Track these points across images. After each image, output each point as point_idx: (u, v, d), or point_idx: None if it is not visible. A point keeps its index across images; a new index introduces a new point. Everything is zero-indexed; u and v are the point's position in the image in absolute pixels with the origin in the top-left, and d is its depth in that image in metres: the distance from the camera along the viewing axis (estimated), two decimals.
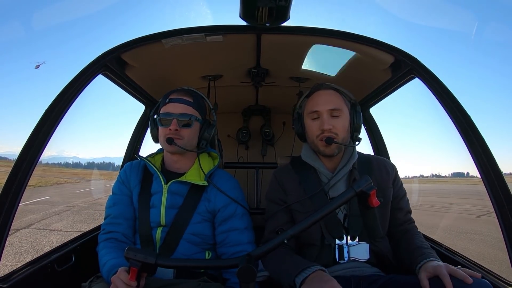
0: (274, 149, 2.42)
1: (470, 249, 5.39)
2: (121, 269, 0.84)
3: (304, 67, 1.60)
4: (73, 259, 1.27)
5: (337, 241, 1.05)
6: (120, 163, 1.91)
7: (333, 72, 1.64)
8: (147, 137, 1.98)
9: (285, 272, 0.90)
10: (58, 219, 7.62)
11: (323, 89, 1.12)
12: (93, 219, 7.52)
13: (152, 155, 1.26)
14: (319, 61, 1.55)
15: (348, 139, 1.12)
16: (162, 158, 1.24)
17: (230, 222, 1.14)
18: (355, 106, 1.13)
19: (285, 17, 1.07)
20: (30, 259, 1.13)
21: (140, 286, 0.82)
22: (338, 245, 1.05)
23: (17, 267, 1.05)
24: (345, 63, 1.50)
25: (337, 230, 1.05)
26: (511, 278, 1.02)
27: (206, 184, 1.14)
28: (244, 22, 1.12)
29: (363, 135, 1.17)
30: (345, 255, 1.04)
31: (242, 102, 2.30)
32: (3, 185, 0.95)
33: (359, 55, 1.37)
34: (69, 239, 1.36)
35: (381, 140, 1.90)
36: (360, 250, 1.04)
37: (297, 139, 1.49)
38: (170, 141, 1.10)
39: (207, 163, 1.22)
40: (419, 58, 1.19)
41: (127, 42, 1.23)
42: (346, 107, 1.11)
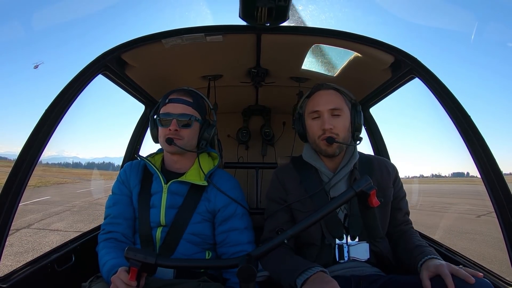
0: (274, 149, 2.42)
1: (470, 249, 5.39)
2: (121, 269, 0.84)
3: (304, 67, 1.60)
4: (73, 259, 1.27)
5: (337, 241, 1.05)
6: (120, 163, 1.91)
7: (333, 72, 1.64)
8: (147, 137, 1.98)
9: (286, 273, 0.90)
10: (58, 219, 7.61)
11: (324, 89, 1.12)
12: (93, 219, 7.51)
13: (152, 155, 1.26)
14: (319, 61, 1.55)
15: (349, 139, 1.12)
16: (162, 158, 1.24)
17: (230, 222, 1.14)
18: (356, 106, 1.13)
19: (285, 17, 1.07)
20: (30, 259, 1.13)
21: (140, 286, 0.82)
22: (338, 244, 1.05)
23: (17, 267, 1.05)
24: (345, 63, 1.51)
25: (338, 229, 1.05)
26: (511, 278, 1.02)
27: (206, 184, 1.14)
28: (243, 22, 1.12)
29: (363, 135, 1.17)
30: (345, 255, 1.04)
31: (242, 102, 2.30)
32: (3, 185, 0.95)
33: (359, 55, 1.37)
34: (69, 239, 1.36)
35: (381, 140, 1.90)
36: (360, 250, 1.04)
37: (297, 139, 1.49)
38: (169, 141, 1.10)
39: (207, 163, 1.22)
40: (419, 58, 1.19)
41: (127, 42, 1.23)
42: (346, 107, 1.11)
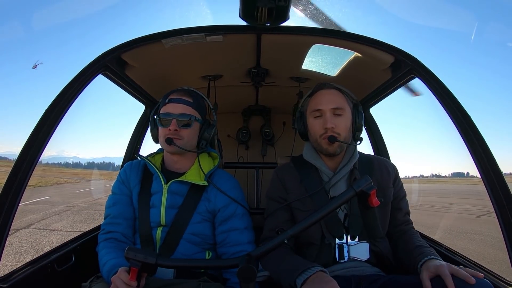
0: (274, 149, 2.42)
1: (470, 249, 5.39)
2: (121, 269, 0.84)
3: (304, 67, 1.60)
4: (73, 259, 1.27)
5: (337, 241, 1.05)
6: (120, 163, 1.91)
7: (333, 72, 1.64)
8: (147, 137, 1.98)
9: (286, 273, 0.90)
10: (58, 219, 7.61)
11: (326, 89, 1.12)
12: (93, 219, 7.52)
13: (152, 155, 1.26)
14: (319, 61, 1.55)
15: (350, 139, 1.12)
16: (162, 158, 1.24)
17: (230, 222, 1.14)
18: (357, 106, 1.14)
19: (285, 17, 1.07)
20: (30, 259, 1.13)
21: (141, 286, 0.82)
22: (338, 244, 1.05)
23: (17, 267, 1.05)
24: (345, 63, 1.51)
25: (338, 229, 1.05)
26: (511, 278, 1.02)
27: (206, 184, 1.14)
28: (244, 22, 1.12)
29: (363, 135, 1.17)
30: (345, 255, 1.04)
31: (242, 102, 2.30)
32: (3, 185, 0.95)
33: (359, 55, 1.37)
34: (69, 239, 1.36)
35: (381, 140, 1.90)
36: (360, 250, 1.04)
37: (297, 139, 1.49)
38: (169, 141, 1.10)
39: (207, 163, 1.22)
40: (419, 58, 1.19)
41: (127, 42, 1.23)
42: (348, 107, 1.11)
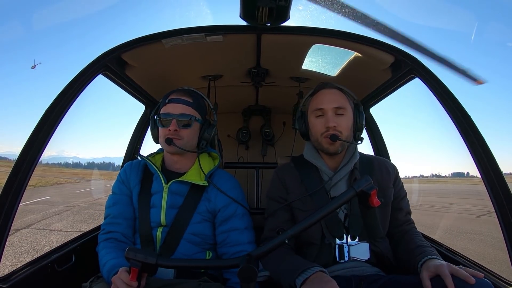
0: (274, 149, 2.42)
1: (470, 249, 5.39)
2: (121, 269, 0.84)
3: (304, 67, 1.60)
4: (73, 259, 1.27)
5: (337, 241, 1.05)
6: (120, 163, 1.91)
7: (333, 72, 1.64)
8: (147, 137, 1.98)
9: (286, 273, 0.90)
10: (58, 219, 7.61)
11: (328, 88, 1.13)
12: (93, 219, 7.52)
13: (152, 155, 1.26)
14: (319, 61, 1.55)
15: (351, 139, 1.12)
16: (163, 158, 1.24)
17: (230, 222, 1.14)
18: (358, 106, 1.14)
19: (285, 17, 1.07)
20: (30, 259, 1.13)
21: (141, 286, 0.82)
22: (338, 244, 1.05)
23: (17, 267, 1.05)
24: (345, 63, 1.51)
25: (338, 229, 1.05)
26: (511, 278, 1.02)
27: (206, 184, 1.14)
28: (244, 22, 1.12)
29: (363, 135, 1.17)
30: (345, 255, 1.04)
31: (242, 102, 2.30)
32: (3, 185, 0.95)
33: (359, 55, 1.37)
34: (69, 239, 1.36)
35: (381, 140, 1.90)
36: (360, 250, 1.04)
37: (297, 139, 1.49)
38: (169, 141, 1.10)
39: (207, 163, 1.22)
40: (419, 58, 1.19)
41: (127, 42, 1.23)
42: (350, 107, 1.11)
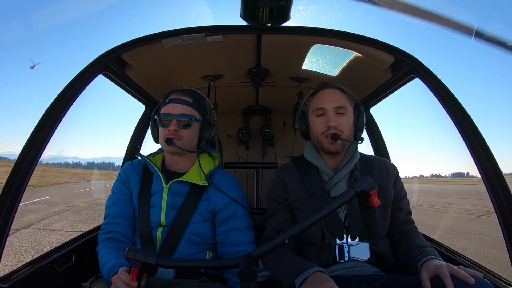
0: (274, 149, 2.42)
1: (470, 249, 5.39)
2: (121, 269, 0.84)
3: (304, 67, 1.60)
4: (73, 259, 1.27)
5: (338, 241, 1.05)
6: (120, 163, 1.91)
7: (334, 72, 1.64)
8: (147, 137, 1.98)
9: (285, 273, 0.90)
10: (58, 219, 7.61)
11: (329, 88, 1.13)
12: (93, 219, 7.52)
13: (152, 155, 1.26)
14: (319, 61, 1.55)
15: (352, 138, 1.12)
16: (163, 158, 1.24)
17: (230, 222, 1.14)
18: (359, 106, 1.14)
19: (286, 17, 1.07)
20: (30, 259, 1.13)
21: (141, 286, 0.82)
22: (339, 244, 1.05)
23: (17, 267, 1.05)
24: (345, 63, 1.51)
25: (338, 229, 1.05)
26: (511, 278, 1.02)
27: (206, 184, 1.14)
28: (244, 22, 1.12)
29: (363, 135, 1.17)
30: (345, 255, 1.04)
31: (242, 102, 2.30)
32: (3, 185, 0.95)
33: (359, 55, 1.37)
34: (69, 239, 1.36)
35: (381, 140, 1.90)
36: (360, 250, 1.04)
37: (297, 139, 1.49)
38: (169, 141, 1.10)
39: (208, 163, 1.22)
40: (419, 58, 1.19)
41: (127, 42, 1.24)
42: (350, 107, 1.11)
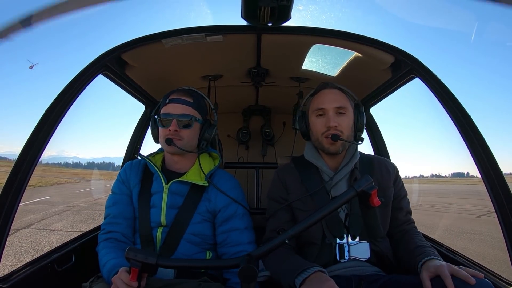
0: (274, 149, 2.42)
1: (470, 249, 5.39)
2: (122, 269, 0.84)
3: (304, 67, 1.60)
4: (73, 259, 1.27)
5: (338, 240, 1.05)
6: (120, 163, 1.91)
7: (334, 72, 1.64)
8: (147, 137, 1.98)
9: (285, 273, 0.90)
10: (58, 219, 7.61)
11: (329, 88, 1.13)
12: (93, 219, 7.52)
13: (152, 155, 1.26)
14: (319, 61, 1.55)
15: (352, 139, 1.12)
16: (163, 158, 1.24)
17: (230, 222, 1.14)
18: (359, 106, 1.14)
19: (287, 17, 1.07)
20: (30, 259, 1.13)
21: (141, 286, 0.82)
22: (339, 244, 1.05)
23: (17, 267, 1.05)
24: (345, 63, 1.51)
25: (338, 229, 1.05)
26: None
27: (206, 184, 1.14)
28: (244, 22, 1.11)
29: (363, 135, 1.17)
30: (346, 254, 1.04)
31: (242, 102, 2.30)
32: (3, 185, 0.95)
33: (359, 55, 1.37)
34: (69, 239, 1.36)
35: (381, 140, 1.90)
36: (360, 249, 1.04)
37: (297, 139, 1.49)
38: (169, 141, 1.10)
39: (208, 163, 1.22)
40: (419, 58, 1.19)
41: (127, 42, 1.23)
42: (350, 107, 1.11)
